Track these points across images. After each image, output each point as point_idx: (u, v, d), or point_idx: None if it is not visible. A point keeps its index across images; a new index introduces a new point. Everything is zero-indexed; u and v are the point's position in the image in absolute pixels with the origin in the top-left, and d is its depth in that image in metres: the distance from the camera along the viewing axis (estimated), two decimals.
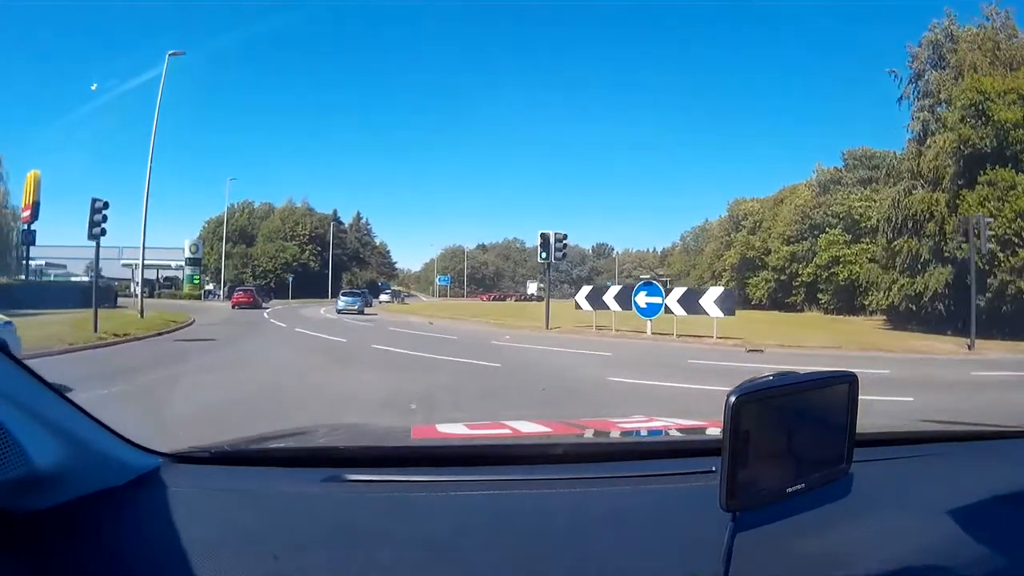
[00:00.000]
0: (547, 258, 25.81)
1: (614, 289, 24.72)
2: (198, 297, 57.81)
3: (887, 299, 31.89)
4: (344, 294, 42.98)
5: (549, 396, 9.51)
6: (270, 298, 55.05)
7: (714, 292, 22.31)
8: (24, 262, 37.35)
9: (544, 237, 25.70)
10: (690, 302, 21.80)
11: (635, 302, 22.71)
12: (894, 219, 30.62)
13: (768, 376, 0.99)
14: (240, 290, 47.34)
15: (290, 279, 71.43)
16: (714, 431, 1.52)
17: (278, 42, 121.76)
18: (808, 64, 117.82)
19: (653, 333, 21.71)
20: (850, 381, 1.06)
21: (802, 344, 19.67)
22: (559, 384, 10.60)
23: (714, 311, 21.17)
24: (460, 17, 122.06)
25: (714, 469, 0.99)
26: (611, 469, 1.39)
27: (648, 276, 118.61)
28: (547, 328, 24.27)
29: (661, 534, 1.14)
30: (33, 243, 32.84)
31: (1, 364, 1.01)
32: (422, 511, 1.19)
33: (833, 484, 1.11)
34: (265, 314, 33.07)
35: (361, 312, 37.99)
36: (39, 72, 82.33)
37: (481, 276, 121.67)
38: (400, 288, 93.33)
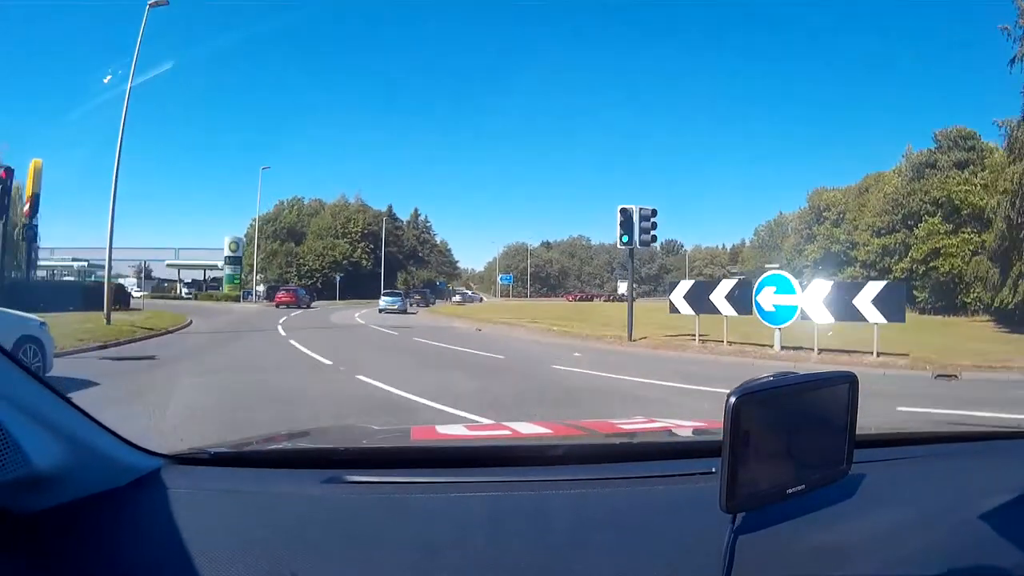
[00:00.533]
0: (629, 242, 18.15)
1: (725, 285, 17.51)
2: (236, 298, 54.24)
3: (1012, 296, 27.15)
4: (385, 294, 44.10)
5: None
6: (312, 298, 52.92)
7: (873, 288, 14.87)
8: (28, 259, 34.73)
9: (625, 214, 17.99)
10: (840, 303, 14.76)
11: (757, 303, 15.70)
12: (1020, 202, 25.49)
13: (768, 376, 1.01)
14: (283, 290, 47.39)
15: (337, 278, 67.76)
16: (714, 432, 1.52)
17: (328, 32, 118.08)
18: (884, 44, 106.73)
19: (784, 348, 15.05)
20: (850, 381, 1.07)
21: (1009, 364, 12.96)
22: None
23: (874, 315, 14.28)
24: (522, 9, 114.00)
25: (714, 470, 1.01)
26: (611, 470, 1.39)
27: (721, 274, 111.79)
28: (630, 339, 18.14)
29: (661, 535, 1.15)
30: (35, 239, 30.00)
31: (1, 365, 1.03)
32: (422, 512, 1.20)
33: (833, 485, 1.12)
34: (284, 318, 29.59)
35: (403, 312, 38.40)
36: (50, 70, 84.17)
37: (545, 275, 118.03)
38: (464, 289, 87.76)
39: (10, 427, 0.97)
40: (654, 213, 18.26)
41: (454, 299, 64.40)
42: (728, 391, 0.94)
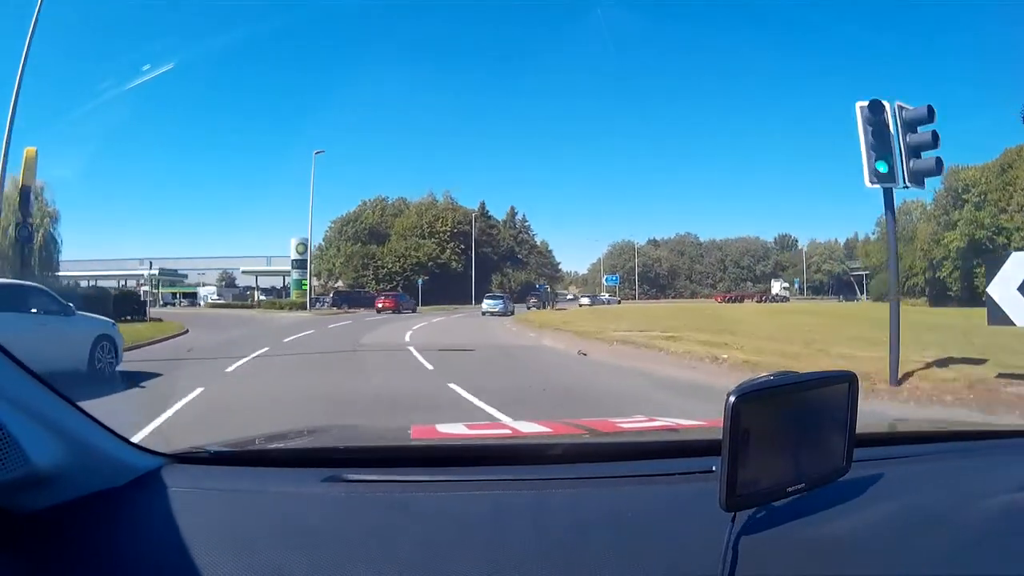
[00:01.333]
0: (888, 175, 9.13)
1: None
2: (303, 305, 48.37)
3: None
4: (488, 297, 46.04)
5: None
6: (415, 303, 52.90)
7: None
8: (21, 261, 28.83)
9: (876, 114, 9.15)
10: None
11: None
12: None
13: (768, 375, 1.05)
14: (385, 295, 48.08)
15: (420, 281, 63.97)
16: (714, 431, 1.48)
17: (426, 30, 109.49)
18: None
19: None
20: (850, 380, 1.11)
21: None
22: None
23: None
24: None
25: (714, 469, 1.03)
26: (611, 469, 1.41)
27: (841, 270, 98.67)
28: (896, 383, 9.38)
29: (661, 534, 1.17)
30: (29, 241, 25.31)
31: (1, 365, 1.05)
32: (422, 511, 1.23)
33: (833, 483, 1.14)
34: (295, 336, 21.49)
35: (505, 314, 39.64)
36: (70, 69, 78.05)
37: (654, 275, 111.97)
38: (565, 291, 78.51)
39: (10, 426, 0.99)
40: (931, 114, 9.28)
41: (582, 301, 59.03)
42: None
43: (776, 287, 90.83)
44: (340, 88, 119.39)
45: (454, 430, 1.97)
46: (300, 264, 56.04)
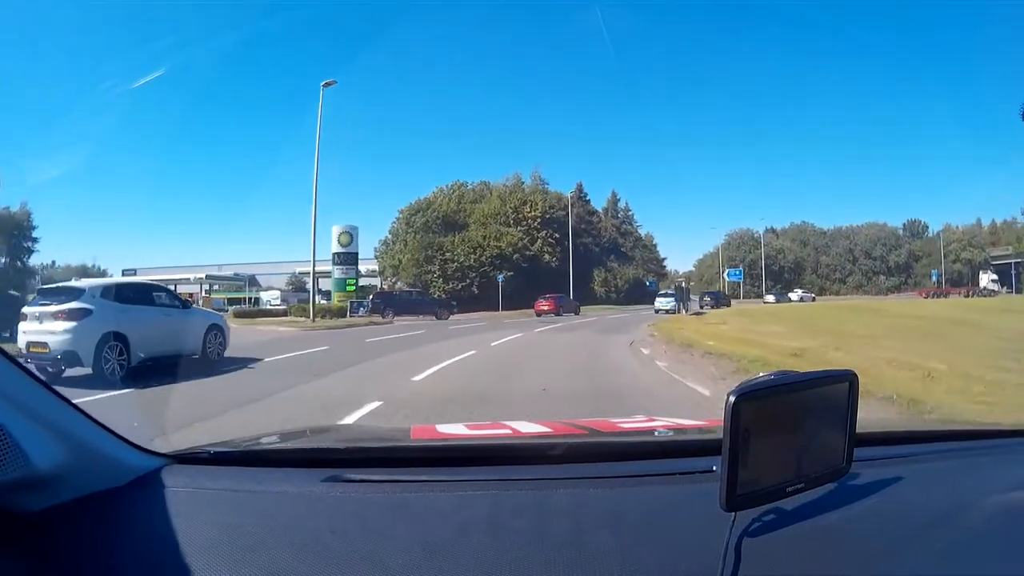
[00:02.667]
0: None
1: None
2: (342, 311, 37.52)
3: None
4: (662, 295, 47.43)
5: None
6: (576, 306, 46.93)
7: None
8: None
9: None
10: None
11: None
12: None
13: (768, 375, 1.09)
14: (544, 298, 44.55)
15: (500, 277, 53.80)
16: (714, 430, 1.67)
17: None
18: None
19: None
20: (850, 380, 1.15)
21: None
22: None
23: None
24: None
25: (714, 468, 1.07)
26: (611, 469, 1.45)
27: (982, 259, 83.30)
28: None
29: (661, 534, 1.20)
30: None
31: (1, 366, 1.10)
32: (422, 511, 1.27)
33: (833, 483, 1.20)
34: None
35: (678, 312, 37.99)
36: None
37: (778, 268, 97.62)
38: (670, 289, 64.65)
39: (10, 427, 1.03)
40: None
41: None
42: None
43: (984, 280, 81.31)
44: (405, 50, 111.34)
45: (454, 430, 2.05)
46: (345, 259, 45.43)
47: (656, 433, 2.00)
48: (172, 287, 17.75)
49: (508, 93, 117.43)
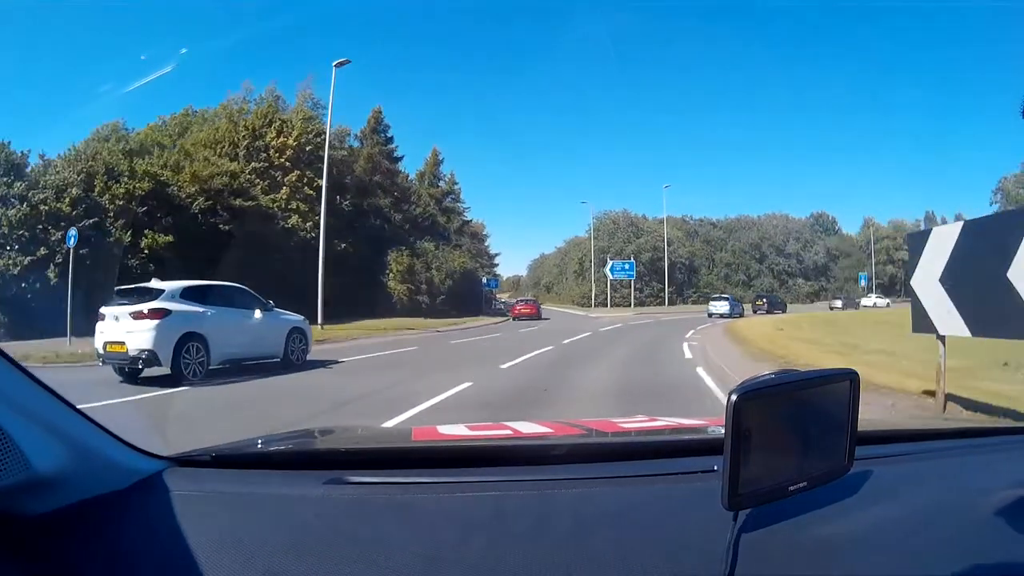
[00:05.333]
0: None
1: None
2: None
3: None
4: (715, 299, 44.46)
5: None
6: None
7: None
8: None
9: None
10: None
11: None
12: None
13: (770, 374, 1.10)
14: (521, 301, 43.87)
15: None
16: (716, 430, 1.66)
17: None
18: None
19: None
20: (851, 379, 1.16)
21: None
22: None
23: None
24: None
25: (716, 468, 1.13)
26: (613, 469, 1.46)
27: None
28: None
29: (663, 533, 1.22)
30: None
31: (2, 369, 1.10)
32: (424, 512, 1.28)
33: (835, 482, 1.19)
34: None
35: (732, 315, 35.29)
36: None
37: (667, 265, 70.77)
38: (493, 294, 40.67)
39: (11, 431, 1.04)
40: None
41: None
42: None
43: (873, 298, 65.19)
44: None
45: (455, 431, 2.04)
46: None
47: (657, 433, 2.04)
48: None
49: None
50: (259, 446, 1.73)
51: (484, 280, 55.82)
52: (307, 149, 38.90)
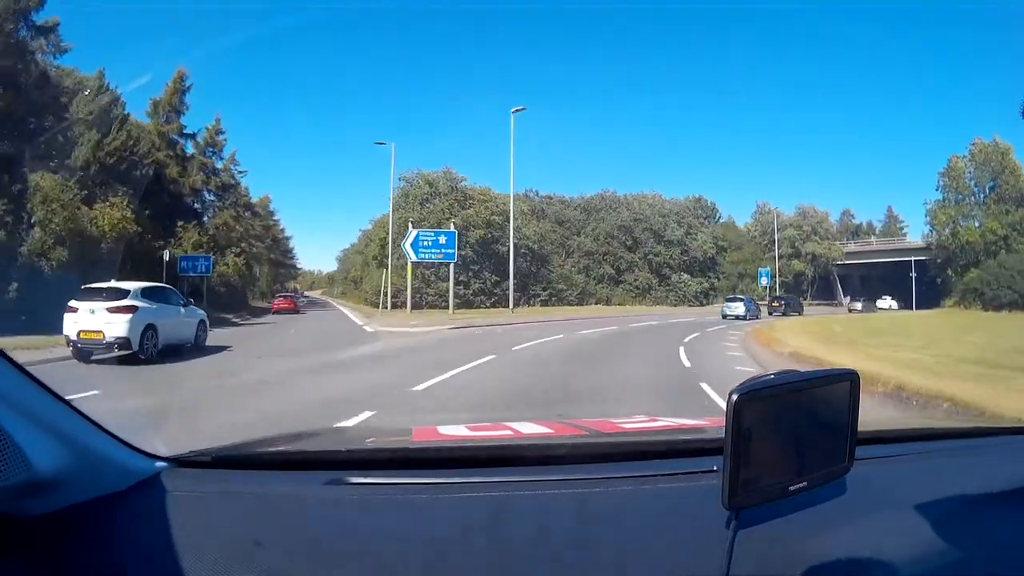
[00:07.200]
0: None
1: None
2: None
3: None
4: (730, 299, 39.99)
5: None
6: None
7: None
8: None
9: None
10: None
11: None
12: None
13: (770, 375, 1.10)
14: (281, 296, 41.48)
15: None
16: (716, 430, 1.65)
17: None
18: None
19: None
20: (851, 379, 1.17)
21: None
22: None
23: None
24: None
25: (716, 468, 1.13)
26: (613, 469, 1.47)
27: (834, 256, 73.17)
28: None
29: (664, 533, 1.24)
30: None
31: (2, 369, 1.10)
32: (424, 513, 1.29)
33: (835, 482, 1.21)
34: None
35: (747, 317, 32.57)
36: None
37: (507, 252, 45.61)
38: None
39: (11, 431, 1.04)
40: None
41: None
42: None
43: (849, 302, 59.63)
44: None
45: (456, 432, 2.03)
46: None
47: (657, 433, 2.03)
48: None
49: None
50: (259, 447, 1.71)
51: (289, 287, 43.72)
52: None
